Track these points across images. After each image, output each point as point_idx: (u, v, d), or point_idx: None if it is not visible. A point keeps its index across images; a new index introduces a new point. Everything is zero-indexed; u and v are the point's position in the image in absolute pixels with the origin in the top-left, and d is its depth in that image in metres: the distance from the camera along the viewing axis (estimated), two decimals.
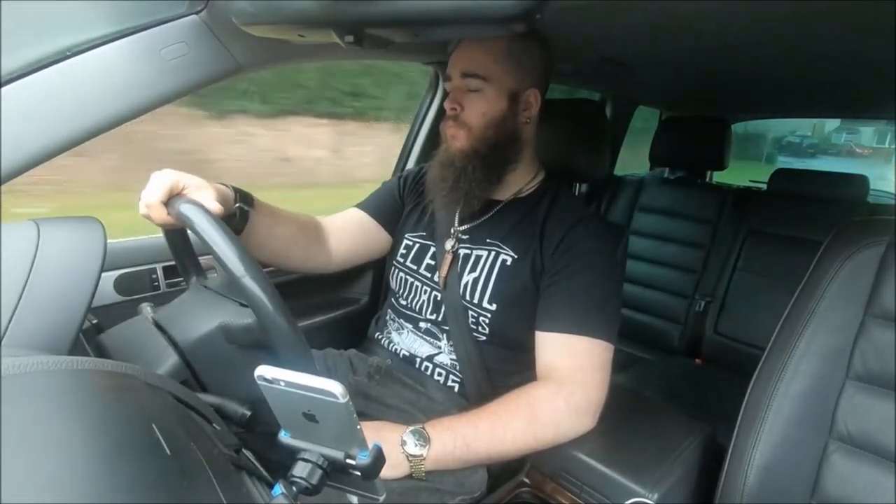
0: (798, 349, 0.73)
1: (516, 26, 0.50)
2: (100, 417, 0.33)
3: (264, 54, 0.79)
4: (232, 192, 0.75)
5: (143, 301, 0.71)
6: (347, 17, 0.54)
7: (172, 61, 0.69)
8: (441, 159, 0.86)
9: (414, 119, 1.39)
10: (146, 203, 0.63)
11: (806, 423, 0.71)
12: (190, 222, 0.57)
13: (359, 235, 0.99)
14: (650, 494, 0.69)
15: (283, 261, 0.91)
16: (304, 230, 0.92)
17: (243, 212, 0.76)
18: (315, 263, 0.96)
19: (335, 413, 0.38)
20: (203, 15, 0.70)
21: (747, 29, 0.89)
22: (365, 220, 1.00)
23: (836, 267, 0.73)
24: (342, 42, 0.59)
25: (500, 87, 0.81)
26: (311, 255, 0.94)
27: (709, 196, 1.77)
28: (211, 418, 0.47)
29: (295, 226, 0.90)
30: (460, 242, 0.89)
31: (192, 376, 0.60)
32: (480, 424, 0.72)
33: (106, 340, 0.62)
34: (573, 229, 0.81)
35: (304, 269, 0.96)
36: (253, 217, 0.78)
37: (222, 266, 0.53)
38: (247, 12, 0.62)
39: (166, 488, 0.29)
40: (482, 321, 0.84)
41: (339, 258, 0.98)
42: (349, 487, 0.44)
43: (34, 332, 0.48)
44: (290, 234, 0.88)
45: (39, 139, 0.62)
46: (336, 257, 0.97)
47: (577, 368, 0.76)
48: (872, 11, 0.74)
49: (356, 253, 1.00)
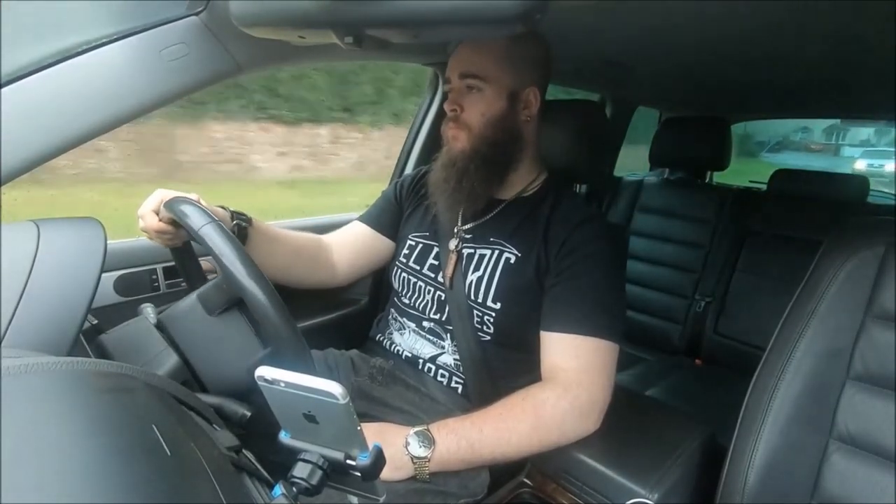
0: (798, 349, 0.73)
1: (516, 27, 0.50)
2: (100, 418, 0.33)
3: (264, 55, 0.79)
4: (228, 213, 0.79)
5: (143, 301, 0.71)
6: (347, 18, 0.54)
7: (172, 62, 0.69)
8: (443, 161, 0.86)
9: (413, 121, 1.39)
10: (140, 214, 0.69)
11: (806, 423, 0.71)
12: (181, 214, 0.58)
13: (361, 248, 1.02)
14: (650, 495, 0.69)
15: (285, 278, 0.93)
16: (304, 248, 0.95)
17: (241, 229, 0.80)
18: (318, 279, 0.99)
19: (335, 414, 0.38)
20: (203, 16, 0.70)
21: (747, 29, 0.89)
22: (366, 233, 1.03)
23: (836, 267, 0.73)
24: (342, 43, 0.59)
25: (498, 86, 0.81)
26: (313, 272, 0.97)
27: (709, 196, 1.77)
28: (211, 419, 0.48)
29: (295, 244, 0.93)
30: (464, 242, 0.89)
31: (193, 376, 0.60)
32: (485, 426, 0.72)
33: (106, 341, 0.62)
34: (578, 230, 0.81)
35: (307, 286, 0.99)
36: (252, 235, 0.81)
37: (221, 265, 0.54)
38: (246, 13, 0.62)
39: (166, 488, 0.29)
40: (487, 320, 0.84)
41: (344, 272, 1.02)
42: (349, 488, 0.44)
43: (34, 332, 0.48)
44: (291, 252, 0.91)
45: (39, 139, 0.62)
46: (340, 272, 1.01)
47: (583, 370, 0.76)
48: (872, 12, 0.74)
49: (360, 265, 1.04)
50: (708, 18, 0.84)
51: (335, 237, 1.02)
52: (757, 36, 0.93)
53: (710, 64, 1.23)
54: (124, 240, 0.97)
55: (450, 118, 0.84)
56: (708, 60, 1.18)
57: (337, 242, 1.01)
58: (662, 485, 0.70)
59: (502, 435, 0.72)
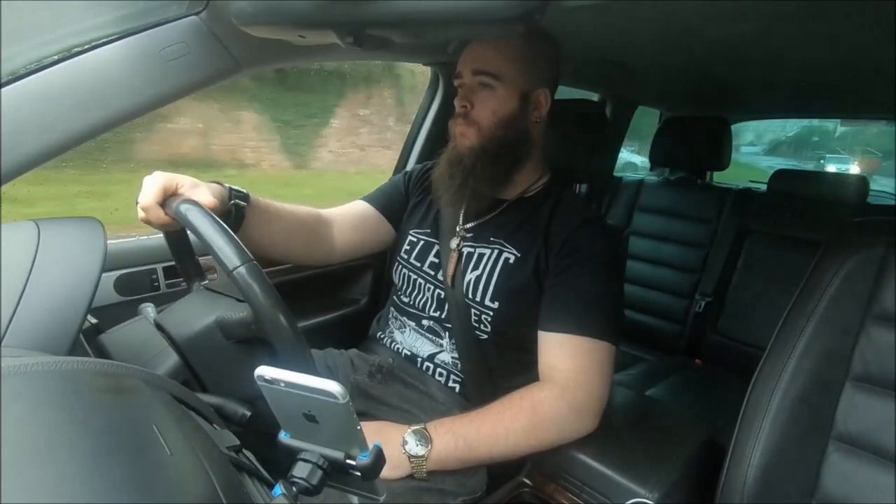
0: (798, 349, 0.73)
1: (516, 27, 0.50)
2: (100, 417, 0.33)
3: (264, 54, 0.79)
4: (226, 191, 0.76)
5: (143, 301, 0.71)
6: (347, 18, 0.54)
7: (172, 62, 0.69)
8: (449, 157, 0.86)
9: (415, 119, 1.39)
10: (142, 206, 0.64)
11: (806, 423, 0.71)
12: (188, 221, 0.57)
13: (362, 227, 0.99)
14: (650, 494, 0.69)
15: (283, 255, 0.91)
16: (304, 224, 0.91)
17: (239, 208, 0.77)
18: (317, 256, 0.96)
19: (335, 413, 0.38)
20: (203, 15, 0.70)
21: (747, 29, 0.89)
22: (369, 212, 1.00)
23: (836, 267, 0.73)
24: (342, 43, 0.59)
25: (511, 85, 0.81)
26: (313, 249, 0.94)
27: (709, 196, 1.77)
28: (211, 418, 0.47)
29: (294, 220, 0.90)
30: (464, 241, 0.89)
31: (193, 376, 0.60)
32: (483, 426, 0.72)
33: (106, 341, 0.62)
34: (578, 230, 0.81)
35: (306, 262, 0.96)
36: (249, 213, 0.79)
37: (220, 265, 0.54)
38: (246, 13, 0.62)
39: (166, 488, 0.29)
40: (484, 319, 0.84)
41: (342, 250, 0.98)
42: (349, 488, 0.44)
43: (34, 332, 0.48)
44: (290, 229, 0.88)
45: (39, 139, 0.62)
46: (339, 249, 0.97)
47: (581, 370, 0.76)
48: (872, 11, 0.74)
49: (359, 245, 1.00)
50: (708, 18, 0.84)
51: (336, 213, 0.99)
52: (757, 36, 0.93)
53: (710, 64, 1.23)
54: (124, 240, 0.97)
55: (459, 114, 0.83)
56: (708, 60, 1.18)
57: (338, 219, 0.98)
58: (662, 485, 0.70)
59: (500, 434, 0.72)
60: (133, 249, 0.96)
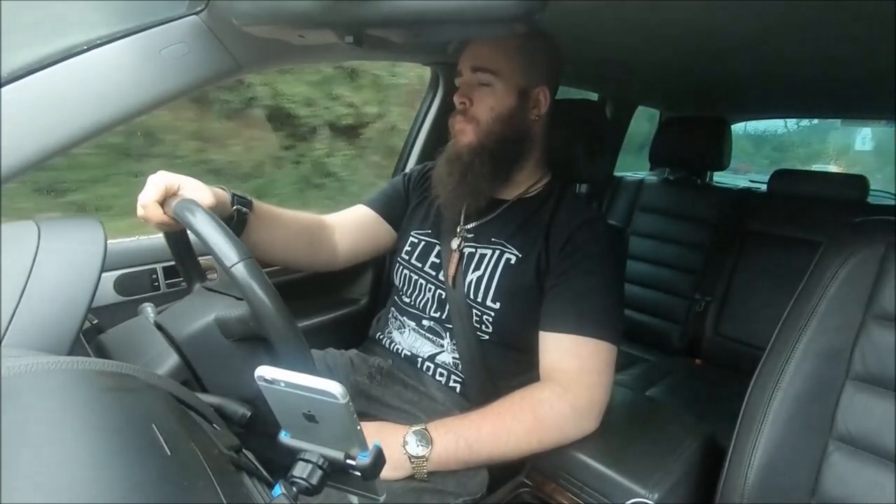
0: (798, 349, 0.72)
1: (516, 27, 0.50)
2: (100, 417, 0.33)
3: (264, 54, 0.79)
4: (229, 195, 0.76)
5: (143, 301, 0.71)
6: (347, 18, 0.54)
7: (172, 62, 0.69)
8: (448, 154, 0.86)
9: (414, 120, 1.39)
10: (142, 203, 0.64)
11: (806, 423, 0.71)
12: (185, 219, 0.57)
13: (364, 231, 1.00)
14: (650, 495, 0.69)
15: (286, 261, 0.92)
16: (306, 229, 0.92)
17: (241, 213, 0.77)
18: (320, 261, 0.96)
19: (335, 413, 0.38)
20: (203, 15, 0.70)
21: (747, 29, 0.89)
22: (370, 216, 1.01)
23: (835, 267, 0.73)
24: (342, 42, 0.59)
25: (509, 82, 0.81)
26: (315, 254, 0.94)
27: (709, 196, 1.77)
28: (211, 418, 0.47)
29: (296, 226, 0.90)
30: (465, 241, 0.89)
31: (193, 376, 0.60)
32: (483, 426, 0.72)
33: (106, 340, 0.62)
34: (579, 230, 0.81)
35: (309, 268, 0.97)
36: (251, 219, 0.79)
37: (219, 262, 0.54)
38: (247, 13, 0.62)
39: (166, 488, 0.29)
40: (486, 319, 0.84)
41: (345, 255, 0.99)
42: (349, 488, 0.44)
43: (34, 332, 0.48)
44: (292, 234, 0.89)
45: (39, 139, 0.62)
46: (342, 254, 0.98)
47: (582, 370, 0.76)
48: (872, 12, 0.74)
49: (361, 249, 1.01)
50: (708, 18, 0.84)
51: (337, 218, 1.00)
52: (757, 36, 0.92)
53: (710, 64, 1.22)
54: (124, 240, 0.97)
55: (458, 111, 0.84)
56: (708, 60, 1.18)
57: (340, 224, 0.99)
58: (662, 485, 0.70)
59: (500, 434, 0.72)
60: (133, 249, 0.96)
